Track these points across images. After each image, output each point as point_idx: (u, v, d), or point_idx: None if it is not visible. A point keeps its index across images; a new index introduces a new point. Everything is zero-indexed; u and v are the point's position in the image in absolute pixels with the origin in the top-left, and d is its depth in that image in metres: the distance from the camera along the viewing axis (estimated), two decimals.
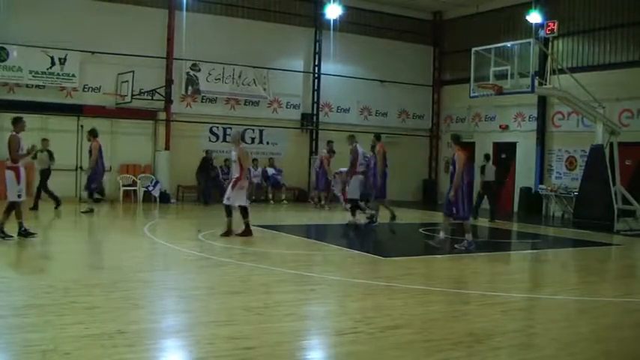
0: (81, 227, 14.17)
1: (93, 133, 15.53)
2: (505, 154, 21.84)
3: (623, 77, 17.79)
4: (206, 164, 19.45)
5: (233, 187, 11.61)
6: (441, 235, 11.48)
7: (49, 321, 5.64)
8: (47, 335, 5.20)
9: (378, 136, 15.11)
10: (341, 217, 15.92)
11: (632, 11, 17.83)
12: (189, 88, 20.10)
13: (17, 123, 10.66)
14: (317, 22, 21.92)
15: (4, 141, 10.70)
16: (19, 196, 10.41)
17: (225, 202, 11.76)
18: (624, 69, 17.90)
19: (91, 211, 15.09)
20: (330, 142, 19.99)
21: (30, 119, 17.43)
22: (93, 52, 18.47)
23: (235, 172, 11.79)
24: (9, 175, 10.38)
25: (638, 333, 6.41)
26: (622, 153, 16.49)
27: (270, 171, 20.90)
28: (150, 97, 19.26)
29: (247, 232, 11.72)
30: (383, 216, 14.71)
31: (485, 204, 17.25)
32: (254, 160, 20.92)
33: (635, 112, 17.72)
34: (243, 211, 11.75)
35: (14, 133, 10.55)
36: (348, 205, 15.05)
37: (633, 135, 17.27)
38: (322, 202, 19.59)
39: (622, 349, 5.78)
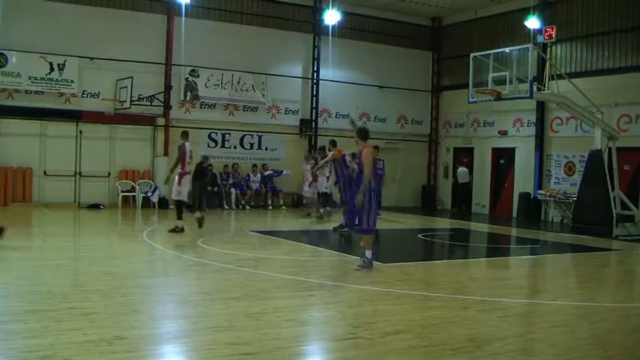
0: (79, 233, 14.14)
1: None
2: (504, 159, 21.89)
3: (621, 82, 17.81)
4: (202, 170, 19.29)
5: None
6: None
7: (48, 327, 5.64)
8: (46, 341, 5.19)
9: (333, 143, 15.26)
10: (339, 223, 15.88)
11: (630, 17, 17.85)
12: (188, 93, 20.11)
13: None
14: (315, 27, 21.95)
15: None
16: None
17: None
18: (622, 74, 17.91)
19: None
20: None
21: (29, 125, 17.67)
22: (92, 58, 18.46)
23: None
24: None
25: (638, 338, 6.41)
26: (620, 158, 16.53)
27: (268, 173, 20.84)
28: (149, 103, 19.24)
29: None
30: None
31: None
32: (253, 165, 20.95)
33: (633, 117, 17.74)
34: None
35: None
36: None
37: (632, 140, 17.30)
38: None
39: (622, 354, 5.78)
